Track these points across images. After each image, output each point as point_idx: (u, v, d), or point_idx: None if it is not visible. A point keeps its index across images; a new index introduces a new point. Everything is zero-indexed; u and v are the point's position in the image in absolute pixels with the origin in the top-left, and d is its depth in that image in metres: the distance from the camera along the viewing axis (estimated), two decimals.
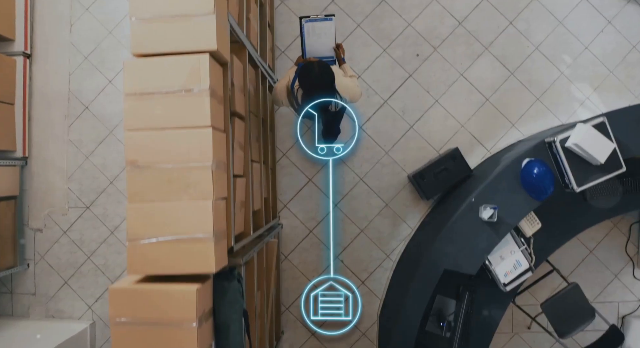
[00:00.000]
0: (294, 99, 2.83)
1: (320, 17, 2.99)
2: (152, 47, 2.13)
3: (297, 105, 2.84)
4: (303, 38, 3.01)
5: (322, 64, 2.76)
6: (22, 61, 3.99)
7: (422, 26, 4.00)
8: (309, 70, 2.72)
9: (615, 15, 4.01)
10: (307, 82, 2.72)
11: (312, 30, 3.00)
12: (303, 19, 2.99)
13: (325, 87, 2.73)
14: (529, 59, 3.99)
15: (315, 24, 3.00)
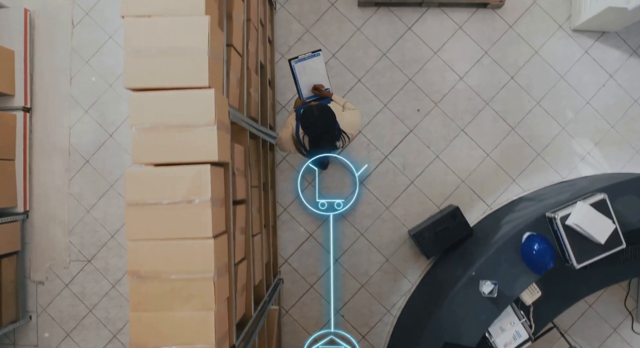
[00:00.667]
0: (301, 147, 2.83)
1: (308, 55, 3.00)
2: (153, 158, 2.13)
3: (305, 151, 2.85)
4: (296, 79, 3.02)
5: (320, 107, 2.76)
6: (22, 115, 3.98)
7: (422, 81, 3.99)
8: (309, 115, 2.72)
9: (617, 69, 3.99)
10: (309, 128, 2.72)
11: (303, 69, 3.01)
12: (292, 61, 2.99)
13: (328, 128, 2.72)
14: (530, 114, 3.99)
15: (305, 63, 3.01)
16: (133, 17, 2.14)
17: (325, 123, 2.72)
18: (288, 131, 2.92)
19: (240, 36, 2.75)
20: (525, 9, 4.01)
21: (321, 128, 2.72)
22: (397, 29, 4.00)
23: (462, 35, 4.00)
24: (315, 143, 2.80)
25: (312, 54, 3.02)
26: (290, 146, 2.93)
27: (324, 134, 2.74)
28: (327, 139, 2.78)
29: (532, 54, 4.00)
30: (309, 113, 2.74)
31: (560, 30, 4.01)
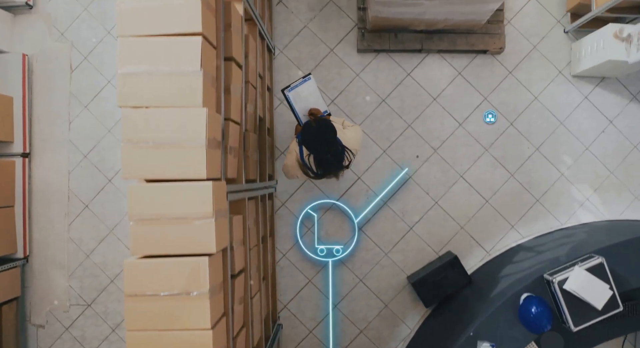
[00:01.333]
0: (308, 170, 2.79)
1: (300, 81, 2.97)
2: (152, 249, 2.13)
3: (313, 174, 2.80)
4: (292, 107, 2.99)
5: (319, 120, 2.71)
6: (22, 162, 3.99)
7: (422, 127, 3.99)
8: (308, 128, 2.67)
9: (617, 115, 3.99)
10: (311, 142, 2.66)
11: (297, 96, 2.98)
12: (285, 90, 2.97)
13: (330, 139, 2.65)
14: (529, 160, 3.98)
15: (298, 90, 2.98)
16: (130, 108, 2.14)
17: (326, 133, 2.64)
18: (292, 156, 2.86)
19: (238, 108, 2.75)
20: (525, 54, 4.00)
21: (323, 139, 2.65)
22: (397, 74, 3.99)
23: (462, 81, 3.99)
24: (320, 159, 2.72)
25: (303, 80, 2.99)
26: (297, 171, 2.86)
27: (326, 145, 2.66)
28: (331, 152, 2.69)
29: (532, 100, 3.99)
30: (307, 127, 2.68)
31: (560, 76, 4.00)
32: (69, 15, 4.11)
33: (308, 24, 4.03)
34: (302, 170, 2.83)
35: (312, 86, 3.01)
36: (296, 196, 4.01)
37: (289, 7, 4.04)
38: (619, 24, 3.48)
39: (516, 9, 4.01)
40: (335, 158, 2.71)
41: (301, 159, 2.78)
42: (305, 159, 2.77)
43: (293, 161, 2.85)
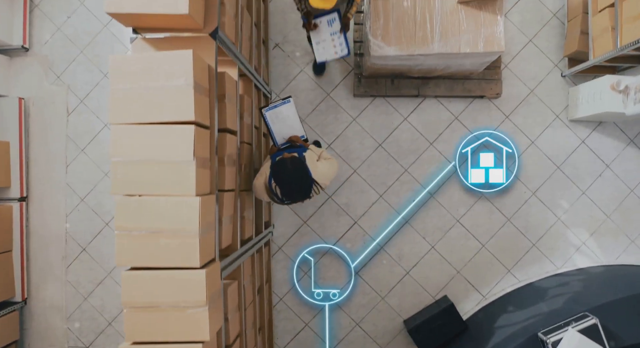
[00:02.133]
0: (274, 195, 2.78)
1: (279, 103, 3.01)
2: (145, 336, 2.15)
3: (278, 200, 2.79)
4: (269, 127, 3.03)
5: (295, 160, 2.68)
6: (19, 206, 4.00)
7: (418, 172, 3.99)
8: (283, 169, 2.65)
9: (614, 159, 3.98)
10: (283, 182, 2.66)
11: (275, 117, 3.02)
12: (263, 109, 3.00)
13: (302, 184, 2.67)
14: (526, 204, 3.99)
15: (276, 110, 3.02)
16: (123, 196, 2.15)
17: (299, 179, 2.66)
18: (262, 179, 2.85)
19: (232, 176, 2.75)
20: (522, 98, 3.99)
21: (295, 184, 2.67)
22: (393, 119, 3.98)
23: (458, 125, 3.98)
24: (288, 195, 2.73)
25: (283, 101, 3.03)
26: (264, 194, 2.86)
27: (297, 187, 2.68)
28: (301, 191, 2.71)
29: (529, 144, 3.99)
30: (282, 167, 2.65)
31: (557, 120, 3.99)
32: (65, 58, 4.11)
33: (304, 68, 4.02)
34: (268, 195, 2.83)
35: (291, 109, 3.04)
36: (293, 240, 4.02)
37: (285, 51, 4.03)
38: (616, 76, 3.47)
39: (513, 52, 4.00)
40: (303, 194, 2.71)
41: (269, 185, 2.76)
42: (272, 185, 2.75)
43: (261, 184, 2.83)
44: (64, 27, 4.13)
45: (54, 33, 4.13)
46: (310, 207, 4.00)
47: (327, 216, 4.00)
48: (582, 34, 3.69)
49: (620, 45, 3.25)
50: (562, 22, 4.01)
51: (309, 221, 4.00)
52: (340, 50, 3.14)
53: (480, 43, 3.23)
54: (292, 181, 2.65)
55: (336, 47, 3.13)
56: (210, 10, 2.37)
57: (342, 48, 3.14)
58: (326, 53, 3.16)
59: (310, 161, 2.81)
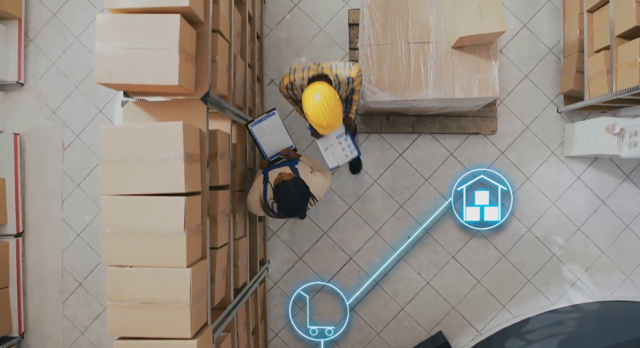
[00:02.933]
0: (270, 211, 2.81)
1: (264, 116, 3.01)
2: None
3: (273, 214, 2.82)
4: (257, 141, 3.02)
5: (297, 182, 2.69)
6: (15, 242, 4.01)
7: (413, 208, 3.99)
8: (287, 192, 2.65)
9: (609, 194, 3.98)
10: (284, 203, 2.67)
11: (261, 130, 3.02)
12: (249, 125, 3.00)
13: (304, 203, 2.70)
14: (521, 240, 3.99)
15: (263, 124, 3.01)
16: (114, 267, 2.16)
17: (301, 199, 2.68)
18: (256, 195, 2.88)
19: (225, 232, 2.75)
20: (517, 134, 3.99)
21: (298, 204, 2.68)
22: (389, 155, 3.98)
23: (454, 162, 3.98)
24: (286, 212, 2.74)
25: (267, 114, 3.02)
26: (259, 209, 2.89)
27: (300, 206, 2.69)
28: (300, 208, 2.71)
29: (524, 181, 3.99)
30: (285, 190, 2.65)
31: (553, 156, 3.99)
32: (60, 93, 4.11)
33: None
34: (263, 210, 2.86)
35: (277, 121, 3.03)
36: (288, 276, 4.03)
37: None
38: (612, 118, 3.46)
39: (509, 88, 3.99)
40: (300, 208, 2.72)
41: (264, 201, 2.80)
42: (268, 201, 2.78)
43: (256, 200, 2.86)
44: (59, 62, 4.12)
45: (48, 68, 4.13)
46: (305, 243, 4.00)
47: (323, 252, 4.01)
48: (578, 73, 3.68)
49: (616, 89, 3.24)
50: (558, 57, 3.99)
51: (304, 257, 4.01)
52: (350, 152, 3.15)
53: (475, 88, 3.22)
54: (295, 202, 2.66)
55: (345, 150, 3.12)
56: (201, 74, 2.37)
57: (351, 150, 3.14)
58: (337, 158, 3.16)
59: (304, 174, 2.84)
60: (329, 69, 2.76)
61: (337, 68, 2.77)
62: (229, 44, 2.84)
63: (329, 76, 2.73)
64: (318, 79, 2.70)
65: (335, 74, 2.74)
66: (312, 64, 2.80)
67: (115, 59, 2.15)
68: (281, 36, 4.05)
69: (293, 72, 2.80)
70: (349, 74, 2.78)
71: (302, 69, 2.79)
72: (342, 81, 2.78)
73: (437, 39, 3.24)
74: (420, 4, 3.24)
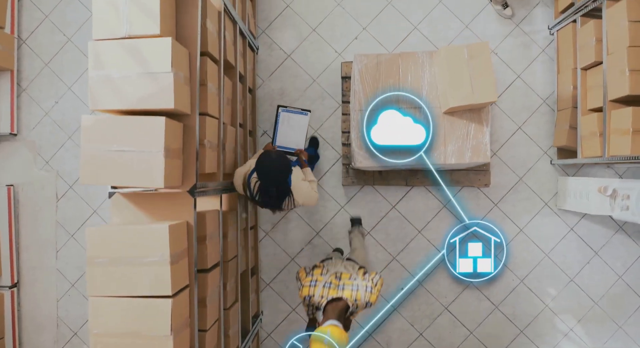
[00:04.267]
0: (247, 189, 2.82)
1: (297, 110, 3.03)
2: None
3: (249, 194, 2.82)
4: (277, 125, 3.04)
5: (280, 154, 2.70)
6: (10, 294, 4.02)
7: (406, 259, 4.00)
8: (266, 157, 2.67)
9: (602, 246, 3.98)
10: (262, 168, 2.66)
11: (287, 120, 3.04)
12: (281, 108, 3.00)
13: (279, 177, 2.67)
14: (514, 292, 3.99)
15: (291, 115, 3.04)
16: None
17: (281, 167, 2.66)
18: (244, 169, 2.90)
19: (214, 314, 2.76)
20: (511, 186, 3.98)
21: (275, 172, 2.65)
22: (381, 207, 3.98)
23: (447, 213, 3.98)
24: (264, 190, 2.72)
25: (301, 111, 3.05)
26: (239, 183, 2.89)
27: (276, 179, 2.67)
28: (277, 187, 2.70)
29: (517, 232, 3.99)
30: (267, 154, 2.69)
31: (546, 208, 3.98)
32: (53, 144, 4.11)
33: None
34: (242, 186, 2.86)
35: (304, 121, 3.06)
36: (282, 327, 4.05)
37: None
38: (605, 180, 3.45)
39: (502, 140, 3.98)
40: (278, 195, 2.72)
41: (248, 177, 2.80)
42: (250, 178, 2.77)
43: (241, 174, 2.88)
44: (52, 113, 4.12)
45: (41, 118, 4.12)
46: None
47: None
48: (571, 129, 3.66)
49: (608, 155, 3.22)
50: (552, 108, 3.98)
51: (298, 309, 4.03)
52: None
53: (467, 154, 3.21)
54: (272, 171, 2.64)
55: None
56: (189, 167, 2.37)
57: None
58: None
59: (296, 176, 2.84)
60: (349, 291, 2.48)
61: (357, 291, 2.49)
62: (219, 120, 2.84)
63: (348, 300, 2.47)
64: (335, 300, 2.46)
65: (355, 298, 2.47)
66: (334, 279, 2.55)
67: (101, 160, 2.15)
68: (274, 87, 4.04)
69: (314, 285, 2.54)
70: (368, 298, 2.50)
71: (324, 284, 2.52)
72: (360, 306, 2.50)
73: (428, 104, 3.22)
74: (412, 69, 3.23)
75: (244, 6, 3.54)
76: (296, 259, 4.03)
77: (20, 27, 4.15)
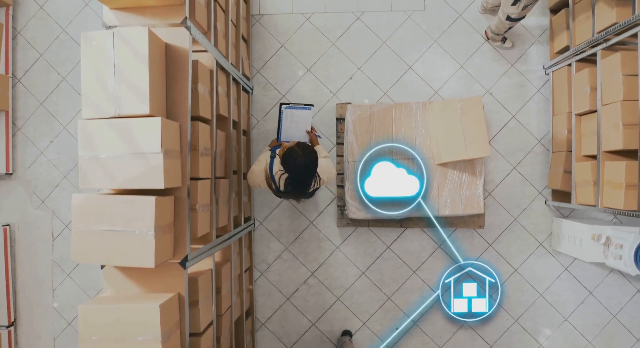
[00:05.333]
0: (273, 183, 2.81)
1: (300, 106, 3.01)
2: None
3: (275, 189, 2.82)
4: (280, 121, 3.03)
5: (305, 147, 2.70)
6: (7, 333, 4.05)
7: (402, 300, 4.01)
8: (295, 156, 2.65)
9: (597, 285, 3.99)
10: (294, 168, 2.66)
11: (290, 116, 3.03)
12: (283, 105, 3.00)
13: (311, 170, 2.69)
14: (509, 331, 4.01)
15: (294, 111, 3.02)
16: None
17: (310, 162, 2.67)
18: (261, 165, 2.88)
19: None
20: (505, 226, 3.98)
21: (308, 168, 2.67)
22: (376, 248, 3.99)
23: (441, 254, 3.98)
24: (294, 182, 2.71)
25: (304, 106, 3.03)
26: (262, 181, 2.87)
27: (308, 173, 2.69)
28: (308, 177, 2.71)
29: (512, 272, 3.99)
30: (293, 154, 2.67)
31: (541, 248, 3.99)
32: (49, 183, 4.12)
33: None
34: (267, 182, 2.84)
35: (308, 117, 3.04)
36: None
37: None
38: (598, 227, 3.46)
39: (497, 180, 3.98)
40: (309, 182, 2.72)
41: (270, 172, 2.80)
42: (274, 173, 2.77)
43: (261, 170, 2.87)
44: (47, 152, 4.13)
45: (37, 157, 4.13)
46: (293, 334, 4.04)
47: (310, 344, 4.04)
48: (565, 173, 3.66)
49: (601, 206, 3.23)
50: (546, 149, 3.97)
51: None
52: None
53: (460, 205, 3.22)
54: (304, 167, 2.65)
55: None
56: (180, 240, 2.38)
57: None
58: None
59: None
60: None
61: None
62: (211, 178, 2.84)
63: None
64: None
65: None
66: None
67: (92, 239, 2.17)
68: (269, 128, 4.04)
69: None
70: None
71: None
72: None
73: (422, 155, 3.22)
74: (405, 120, 3.22)
75: (238, 50, 3.53)
76: (291, 299, 4.05)
77: (15, 65, 4.15)
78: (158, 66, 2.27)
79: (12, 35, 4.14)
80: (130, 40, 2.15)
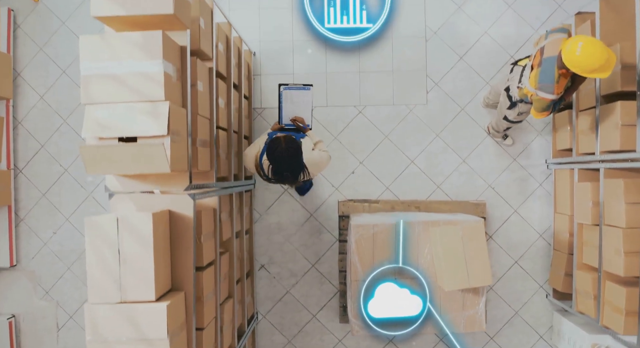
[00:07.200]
0: (261, 171, 2.84)
1: (299, 86, 2.99)
2: None
3: (264, 176, 2.86)
4: (280, 104, 3.01)
5: (289, 140, 2.70)
6: None
7: None
8: (276, 147, 2.68)
9: None
10: (273, 159, 2.69)
11: (289, 97, 3.00)
12: (282, 86, 2.99)
13: (291, 162, 2.69)
14: None
15: (294, 92, 2.99)
16: None
17: (290, 158, 2.68)
18: (254, 150, 2.90)
19: None
20: (506, 320, 4.01)
21: (285, 163, 2.69)
22: (379, 342, 4.02)
23: (443, 347, 4.02)
24: (275, 172, 2.75)
25: (303, 87, 3.00)
26: (252, 166, 2.91)
27: (288, 166, 2.70)
28: (290, 171, 2.72)
29: None
30: (276, 145, 2.68)
31: (541, 341, 4.02)
32: (52, 274, 4.14)
33: (290, 290, 4.04)
34: (255, 169, 2.87)
35: (308, 97, 3.00)
36: None
37: (271, 272, 4.04)
38: (598, 337, 3.48)
39: (499, 274, 4.00)
40: (292, 174, 2.74)
41: (259, 159, 2.81)
42: (262, 162, 2.79)
43: (253, 155, 2.88)
44: (50, 243, 4.14)
45: (40, 248, 4.15)
46: None
47: None
48: (567, 276, 3.67)
49: (601, 323, 3.24)
50: (548, 243, 3.99)
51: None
52: None
53: (462, 323, 3.24)
54: (283, 160, 2.67)
55: None
56: None
57: None
58: None
59: (306, 147, 2.84)
60: None
61: None
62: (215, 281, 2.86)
63: None
64: None
65: None
66: None
67: None
68: (271, 221, 4.05)
69: None
70: None
71: None
72: None
73: (424, 274, 3.24)
74: (407, 240, 3.23)
75: None
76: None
77: (17, 155, 4.15)
78: (162, 242, 2.29)
79: (13, 125, 4.13)
80: (134, 226, 2.16)
